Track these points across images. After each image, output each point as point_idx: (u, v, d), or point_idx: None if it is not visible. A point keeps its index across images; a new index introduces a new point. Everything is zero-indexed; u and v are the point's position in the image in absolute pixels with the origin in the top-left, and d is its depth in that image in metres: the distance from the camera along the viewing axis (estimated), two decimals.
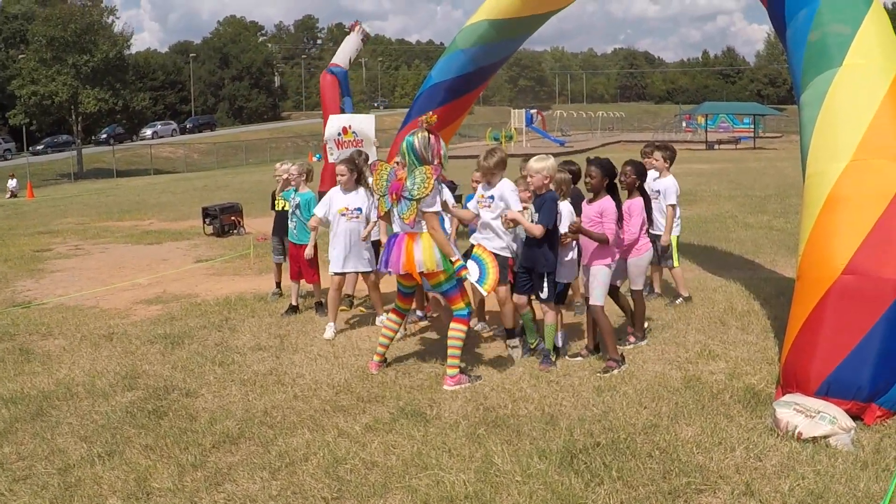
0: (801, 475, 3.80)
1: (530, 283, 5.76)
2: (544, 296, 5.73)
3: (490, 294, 5.59)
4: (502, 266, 5.73)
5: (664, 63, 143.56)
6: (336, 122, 11.20)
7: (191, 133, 67.76)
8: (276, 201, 8.36)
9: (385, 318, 6.07)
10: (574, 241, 5.88)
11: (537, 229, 5.50)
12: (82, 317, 7.88)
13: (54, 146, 54.31)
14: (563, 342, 6.06)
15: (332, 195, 6.90)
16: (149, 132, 62.90)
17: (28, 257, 12.19)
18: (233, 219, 14.01)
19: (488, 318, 7.01)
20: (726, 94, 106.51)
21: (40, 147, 54.27)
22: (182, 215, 17.74)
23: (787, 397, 4.50)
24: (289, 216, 7.74)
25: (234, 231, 13.88)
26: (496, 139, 47.91)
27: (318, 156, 38.56)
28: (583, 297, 6.45)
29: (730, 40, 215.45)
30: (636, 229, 6.05)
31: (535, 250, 5.65)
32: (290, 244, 7.79)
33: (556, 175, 5.83)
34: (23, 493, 3.96)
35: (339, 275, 6.85)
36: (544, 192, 5.64)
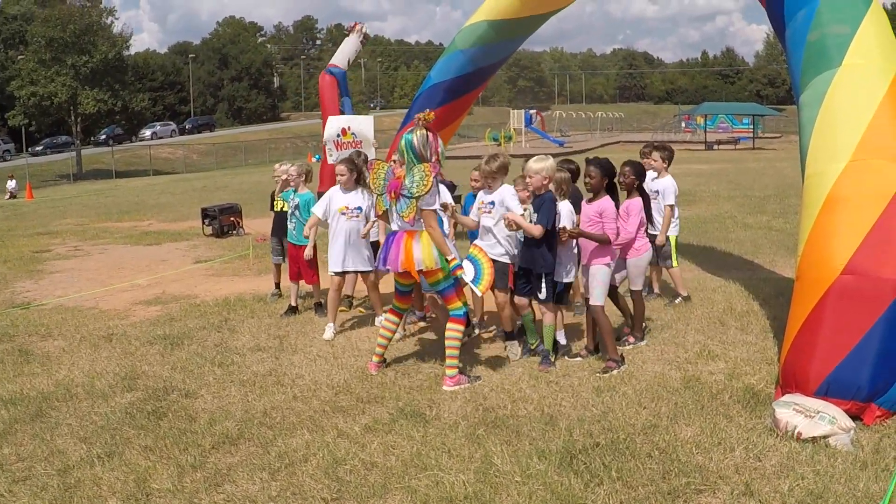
0: (801, 475, 3.80)
1: (530, 285, 5.76)
2: (542, 296, 5.73)
3: (485, 294, 5.59)
4: (503, 272, 5.74)
5: (663, 63, 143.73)
6: (335, 124, 11.18)
7: (190, 134, 67.77)
8: (275, 202, 8.36)
9: (383, 318, 6.07)
10: (574, 240, 5.88)
11: (536, 230, 5.51)
12: (81, 318, 7.88)
13: (53, 147, 54.32)
14: (566, 341, 6.06)
15: (331, 194, 6.89)
16: (148, 133, 62.88)
17: (27, 258, 12.19)
18: (232, 219, 14.01)
19: (486, 319, 7.01)
20: (725, 94, 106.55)
21: (39, 148, 54.28)
22: (181, 216, 17.73)
23: (787, 397, 4.50)
24: (288, 217, 7.74)
25: (234, 232, 13.88)
26: (495, 140, 47.88)
27: (317, 156, 38.52)
28: (583, 298, 6.45)
29: (729, 41, 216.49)
30: (633, 229, 6.06)
31: (534, 251, 5.65)
32: (289, 245, 7.79)
33: (556, 175, 5.83)
34: (22, 494, 3.96)
35: (339, 275, 6.85)
36: (543, 192, 5.64)
